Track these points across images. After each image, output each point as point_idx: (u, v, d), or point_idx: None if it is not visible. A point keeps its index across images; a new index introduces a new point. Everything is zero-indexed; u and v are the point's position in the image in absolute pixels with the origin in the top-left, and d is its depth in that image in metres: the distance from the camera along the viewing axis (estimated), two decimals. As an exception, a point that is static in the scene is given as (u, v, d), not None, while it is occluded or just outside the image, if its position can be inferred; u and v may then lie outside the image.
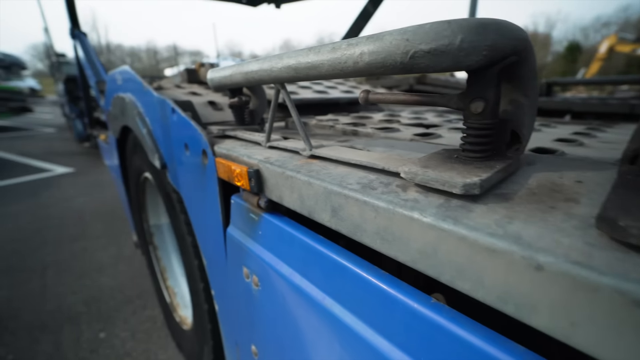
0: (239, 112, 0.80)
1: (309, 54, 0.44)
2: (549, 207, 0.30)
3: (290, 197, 0.49)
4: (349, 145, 0.61)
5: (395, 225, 0.34)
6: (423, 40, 0.31)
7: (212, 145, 0.70)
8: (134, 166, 1.59)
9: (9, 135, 8.60)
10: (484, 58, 0.31)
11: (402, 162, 0.42)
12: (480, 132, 0.36)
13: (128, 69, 1.17)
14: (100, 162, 5.56)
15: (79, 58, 2.26)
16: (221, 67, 0.68)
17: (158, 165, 0.98)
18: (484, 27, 0.31)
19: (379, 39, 0.35)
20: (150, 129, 1.02)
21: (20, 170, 5.08)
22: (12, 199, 3.81)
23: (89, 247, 2.68)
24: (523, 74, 0.37)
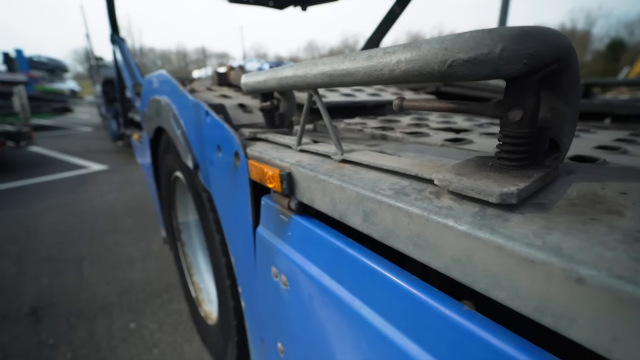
0: (269, 115, 0.83)
1: (344, 61, 0.45)
2: (590, 219, 0.30)
3: (322, 200, 0.51)
4: (378, 149, 0.61)
5: (429, 232, 0.35)
6: (462, 49, 0.32)
7: (244, 148, 0.73)
8: (166, 165, 1.67)
9: (52, 134, 9.23)
10: (525, 66, 0.31)
11: (435, 169, 0.42)
12: (517, 140, 0.36)
13: (165, 73, 1.23)
14: (131, 160, 5.84)
15: (117, 62, 2.40)
16: (255, 72, 0.70)
17: (191, 165, 1.03)
18: (526, 35, 0.31)
19: (416, 47, 0.36)
20: (184, 130, 1.07)
21: (61, 166, 5.44)
22: (54, 193, 4.08)
23: (120, 241, 2.83)
24: (564, 82, 0.36)
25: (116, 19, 2.31)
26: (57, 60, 22.56)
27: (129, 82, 2.20)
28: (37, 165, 5.52)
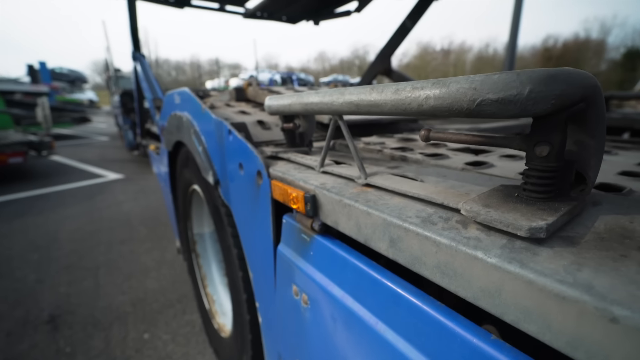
0: (290, 134, 0.85)
1: (371, 92, 0.47)
2: (620, 255, 0.30)
3: (346, 223, 0.52)
4: (400, 172, 0.63)
5: (457, 262, 0.36)
6: (491, 89, 0.33)
7: (267, 167, 0.76)
8: (184, 178, 1.71)
9: (71, 143, 9.54)
10: (552, 107, 0.33)
11: (461, 197, 0.44)
12: (544, 174, 0.37)
13: (187, 90, 1.28)
14: (146, 169, 5.98)
15: (137, 76, 2.49)
16: (279, 95, 0.73)
17: (212, 181, 1.06)
18: (553, 78, 0.32)
19: (444, 85, 0.38)
20: (206, 146, 1.10)
21: (80, 175, 5.60)
22: (73, 202, 4.20)
23: (136, 250, 2.88)
24: (590, 117, 0.37)
25: (138, 37, 2.42)
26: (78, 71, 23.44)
27: (149, 96, 2.28)
28: (57, 174, 5.70)
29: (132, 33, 2.38)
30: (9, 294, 2.23)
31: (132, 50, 2.46)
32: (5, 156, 4.79)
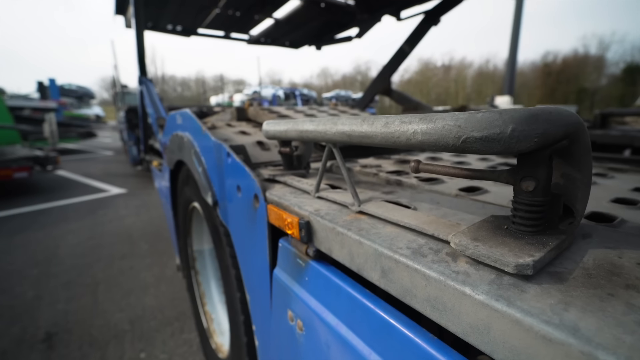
0: (288, 157, 0.87)
1: (362, 124, 0.48)
2: (607, 294, 0.30)
3: (339, 251, 0.52)
4: (394, 198, 0.63)
5: (446, 296, 0.36)
6: (475, 127, 0.34)
7: (264, 191, 0.76)
8: (184, 196, 1.73)
9: (76, 157, 9.66)
10: (535, 145, 0.33)
11: (452, 228, 0.44)
12: (531, 208, 0.37)
13: (189, 112, 1.31)
14: (148, 184, 6.02)
15: (143, 97, 2.55)
16: (276, 121, 0.75)
17: (210, 202, 1.07)
18: (535, 117, 0.33)
19: (431, 121, 0.39)
20: (206, 167, 1.12)
21: (83, 189, 5.65)
22: (75, 217, 4.22)
23: (135, 266, 2.87)
24: (575, 152, 0.38)
25: (145, 63, 2.50)
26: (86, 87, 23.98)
27: (152, 115, 2.33)
28: (61, 188, 5.75)
29: (139, 59, 2.47)
30: (6, 311, 2.21)
31: (138, 74, 2.53)
32: (11, 171, 4.85)
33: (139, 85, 2.56)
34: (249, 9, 2.88)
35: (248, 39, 3.42)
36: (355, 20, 3.07)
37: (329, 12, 2.88)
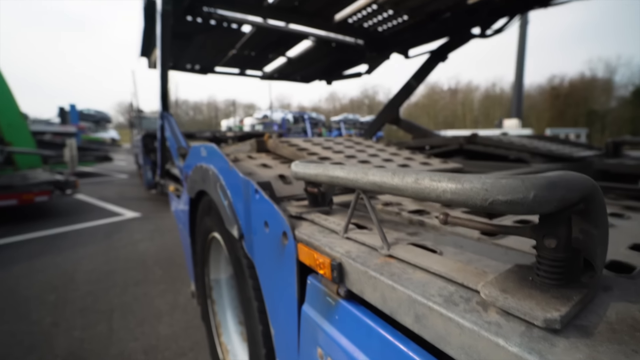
0: (313, 196, 0.92)
1: (393, 177, 0.53)
2: (632, 351, 0.33)
3: (372, 294, 0.56)
4: (419, 241, 0.67)
5: (480, 345, 0.39)
6: (500, 192, 0.39)
7: (292, 229, 0.81)
8: (205, 225, 1.78)
9: (92, 181, 9.94)
10: (555, 208, 0.38)
11: (479, 277, 0.48)
12: (554, 263, 0.41)
13: (215, 147, 1.39)
14: (162, 207, 6.14)
15: (164, 129, 2.70)
16: (306, 163, 0.81)
17: (236, 235, 1.12)
18: (554, 184, 0.38)
19: (459, 182, 0.44)
20: (232, 201, 1.18)
21: (99, 213, 5.79)
22: (91, 240, 4.31)
23: (149, 293, 2.89)
24: (591, 211, 0.42)
25: (167, 100, 2.67)
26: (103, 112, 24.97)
27: (173, 145, 2.45)
28: (78, 212, 5.91)
29: (162, 96, 2.64)
30: (24, 338, 2.24)
31: (160, 110, 2.70)
32: (33, 195, 5.02)
33: (160, 119, 2.72)
34: (263, 50, 3.07)
35: (261, 75, 3.61)
36: (365, 58, 3.23)
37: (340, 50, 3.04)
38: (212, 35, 2.73)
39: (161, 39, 2.32)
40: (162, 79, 2.57)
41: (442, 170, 1.49)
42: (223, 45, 2.93)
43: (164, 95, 2.63)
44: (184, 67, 3.43)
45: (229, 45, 2.96)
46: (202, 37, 2.75)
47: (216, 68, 3.48)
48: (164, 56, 2.46)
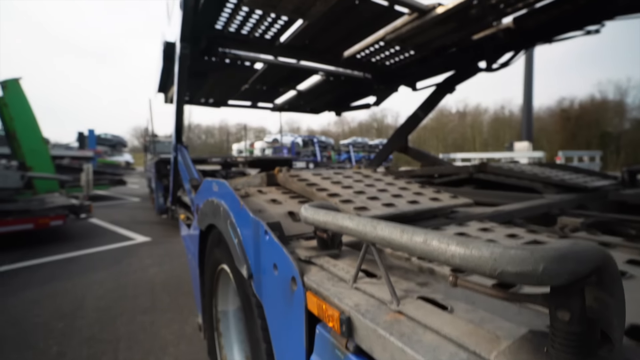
0: (322, 239, 0.92)
1: (402, 235, 0.54)
2: None
3: (382, 354, 0.55)
4: (430, 292, 0.66)
5: None
6: (509, 263, 0.39)
7: (301, 275, 0.81)
8: (214, 257, 1.79)
9: (105, 204, 10.15)
10: (566, 281, 0.38)
11: (491, 344, 0.46)
12: (569, 336, 0.40)
13: (227, 184, 1.42)
14: (172, 232, 6.19)
15: (177, 160, 2.78)
16: (316, 209, 0.82)
17: (245, 275, 1.12)
18: (564, 257, 0.38)
19: (467, 247, 0.44)
20: (241, 239, 1.19)
21: (110, 237, 5.86)
22: (102, 266, 4.35)
23: (156, 321, 2.87)
24: (605, 281, 0.41)
25: (182, 132, 2.78)
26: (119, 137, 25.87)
27: (185, 176, 2.51)
28: (90, 236, 6.00)
29: (176, 130, 2.75)
30: (31, 369, 2.23)
31: (174, 142, 2.81)
32: (49, 219, 5.15)
33: (174, 150, 2.82)
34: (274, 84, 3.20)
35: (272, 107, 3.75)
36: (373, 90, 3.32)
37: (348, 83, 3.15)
38: (226, 72, 2.86)
39: (178, 78, 2.45)
40: (178, 113, 2.69)
41: (453, 207, 1.48)
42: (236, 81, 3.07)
43: (178, 128, 2.74)
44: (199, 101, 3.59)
45: (241, 81, 3.09)
46: (217, 74, 2.89)
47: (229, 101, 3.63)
48: (180, 93, 2.58)
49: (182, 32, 2.28)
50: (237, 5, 2.14)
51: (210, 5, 2.12)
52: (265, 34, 2.52)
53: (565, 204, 1.94)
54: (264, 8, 2.04)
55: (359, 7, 2.29)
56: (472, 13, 2.30)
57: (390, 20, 2.48)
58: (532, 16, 2.36)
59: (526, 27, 2.45)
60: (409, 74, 2.99)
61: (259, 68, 2.94)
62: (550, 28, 2.43)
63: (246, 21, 2.36)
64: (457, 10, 2.24)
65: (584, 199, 2.12)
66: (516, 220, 1.60)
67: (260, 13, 2.22)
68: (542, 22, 2.37)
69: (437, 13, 2.30)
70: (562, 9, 2.21)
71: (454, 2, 2.22)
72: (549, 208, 1.83)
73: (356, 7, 2.29)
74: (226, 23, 2.38)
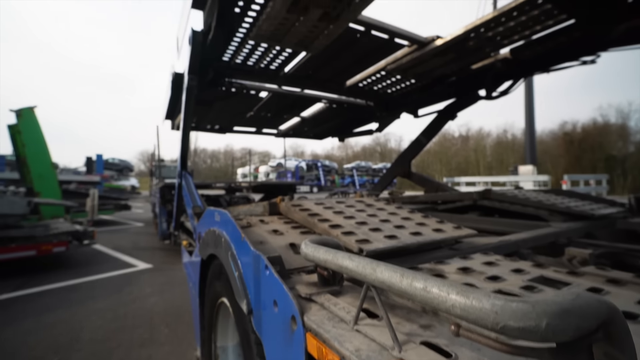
0: (323, 276, 0.91)
1: (402, 279, 0.53)
2: None
3: (384, 408, 0.52)
4: (433, 336, 0.64)
5: None
6: (511, 317, 0.38)
7: (302, 314, 0.79)
8: (214, 289, 1.75)
9: (108, 229, 10.15)
10: (571, 338, 0.36)
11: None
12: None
13: (229, 215, 1.42)
14: (174, 258, 6.13)
15: (181, 187, 2.81)
16: (316, 246, 0.81)
17: (245, 310, 1.09)
18: (567, 312, 0.36)
19: (467, 297, 0.43)
20: (242, 273, 1.17)
21: (112, 264, 5.81)
22: (102, 294, 4.28)
23: (154, 355, 2.77)
24: (614, 336, 0.40)
25: (187, 160, 2.84)
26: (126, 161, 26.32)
27: (189, 203, 2.52)
28: (91, 262, 5.95)
29: (182, 155, 2.81)
30: (22, 406, 2.14)
31: (179, 169, 2.85)
32: (52, 246, 5.14)
33: (179, 177, 2.85)
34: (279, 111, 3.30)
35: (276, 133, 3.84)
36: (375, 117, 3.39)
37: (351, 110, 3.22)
38: (231, 100, 2.95)
39: (185, 107, 2.53)
40: (183, 141, 2.75)
41: (457, 238, 1.46)
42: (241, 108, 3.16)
43: (183, 155, 2.79)
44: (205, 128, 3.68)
45: (246, 108, 3.18)
46: (223, 102, 2.99)
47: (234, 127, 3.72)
48: (186, 121, 2.66)
49: (190, 65, 2.38)
50: (243, 39, 2.24)
51: (217, 41, 2.23)
52: (271, 65, 2.63)
53: (572, 232, 1.90)
54: (270, 42, 2.14)
55: (360, 40, 2.38)
56: (469, 45, 2.39)
57: (390, 52, 2.58)
58: (528, 47, 2.44)
59: (523, 58, 2.52)
60: (411, 101, 3.06)
61: (264, 96, 3.03)
62: (547, 59, 2.50)
63: (252, 53, 2.46)
64: (455, 43, 2.33)
65: (591, 227, 2.08)
66: (522, 251, 1.56)
67: (266, 46, 2.33)
68: (538, 53, 2.44)
69: (436, 45, 2.39)
70: (557, 41, 2.28)
71: (452, 35, 2.31)
72: (556, 237, 1.79)
73: (358, 40, 2.39)
74: (233, 55, 2.48)
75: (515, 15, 2.02)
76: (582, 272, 0.97)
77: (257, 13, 1.89)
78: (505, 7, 2.00)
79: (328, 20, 1.76)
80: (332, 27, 1.85)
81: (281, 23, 1.83)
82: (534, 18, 2.04)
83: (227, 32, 2.11)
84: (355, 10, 1.70)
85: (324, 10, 1.67)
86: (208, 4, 1.83)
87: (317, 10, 1.67)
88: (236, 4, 1.82)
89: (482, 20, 2.11)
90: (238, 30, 2.09)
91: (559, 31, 2.20)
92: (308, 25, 1.82)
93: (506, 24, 2.11)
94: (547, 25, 2.14)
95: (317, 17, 1.74)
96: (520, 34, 2.25)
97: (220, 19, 1.86)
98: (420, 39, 2.42)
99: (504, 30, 2.18)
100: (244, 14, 1.92)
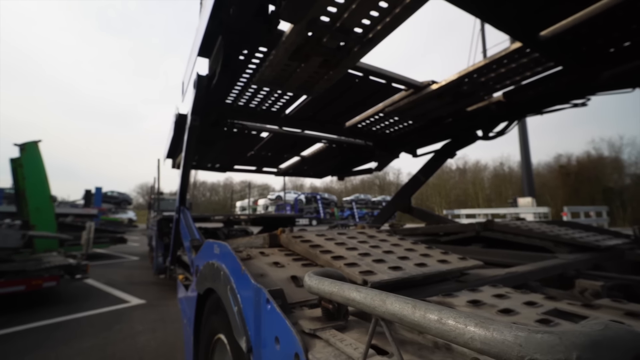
0: (327, 310, 0.87)
1: (414, 311, 0.50)
2: None
3: None
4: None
5: None
6: (537, 350, 0.35)
7: (306, 352, 0.74)
8: (210, 325, 1.67)
9: (102, 263, 9.87)
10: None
11: None
12: None
13: (229, 247, 1.39)
14: (169, 294, 5.90)
15: (179, 222, 2.79)
16: (321, 278, 0.78)
17: (244, 348, 1.03)
18: (597, 344, 0.34)
19: (487, 328, 0.40)
20: (241, 308, 1.12)
21: (103, 300, 5.57)
22: (90, 332, 4.05)
23: (142, 401, 2.57)
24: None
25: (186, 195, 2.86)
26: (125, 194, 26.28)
27: (186, 236, 2.48)
28: (81, 298, 5.71)
29: (181, 192, 2.83)
30: None
31: (177, 204, 2.86)
32: (42, 280, 4.96)
33: (177, 213, 2.85)
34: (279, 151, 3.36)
35: (276, 171, 3.89)
36: (374, 156, 3.46)
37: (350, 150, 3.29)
38: (233, 140, 3.02)
39: (186, 146, 2.58)
40: (183, 178, 2.78)
41: (463, 269, 1.42)
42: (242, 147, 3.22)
43: (182, 192, 2.80)
44: (206, 166, 3.73)
45: (247, 148, 3.24)
46: (224, 142, 3.05)
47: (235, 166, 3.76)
48: (187, 160, 2.70)
49: (194, 107, 2.45)
50: (246, 84, 2.33)
51: (221, 85, 2.32)
52: (272, 107, 2.72)
53: (580, 264, 1.86)
54: (272, 87, 2.23)
55: (359, 84, 2.49)
56: (464, 89, 2.49)
57: (388, 95, 2.69)
58: (520, 92, 2.55)
59: (516, 101, 2.62)
60: (409, 141, 3.13)
61: (265, 136, 3.09)
62: (539, 102, 2.60)
63: (254, 96, 2.56)
64: (450, 87, 2.44)
65: (598, 259, 2.03)
66: (531, 283, 1.51)
67: (268, 90, 2.42)
68: (530, 97, 2.54)
69: (432, 89, 2.49)
70: (547, 85, 2.39)
71: (446, 80, 2.42)
72: (564, 269, 1.74)
73: (356, 84, 2.49)
74: (236, 98, 2.58)
75: (505, 63, 2.14)
76: (598, 304, 0.93)
77: (260, 60, 1.99)
78: (495, 55, 2.12)
79: (328, 67, 1.85)
80: (332, 73, 1.94)
81: (283, 69, 1.92)
82: (524, 65, 2.16)
83: (231, 77, 2.21)
84: (354, 58, 1.79)
85: (325, 58, 1.75)
86: (214, 52, 1.93)
87: (317, 58, 1.76)
88: (241, 52, 1.92)
89: (475, 67, 2.22)
90: (242, 75, 2.19)
91: (549, 77, 2.32)
92: (309, 71, 1.91)
93: (497, 70, 2.23)
94: (536, 72, 2.25)
95: (317, 64, 1.83)
96: (512, 79, 2.36)
97: (225, 66, 1.95)
98: (416, 84, 2.53)
99: (495, 76, 2.29)
100: (248, 61, 2.02)
